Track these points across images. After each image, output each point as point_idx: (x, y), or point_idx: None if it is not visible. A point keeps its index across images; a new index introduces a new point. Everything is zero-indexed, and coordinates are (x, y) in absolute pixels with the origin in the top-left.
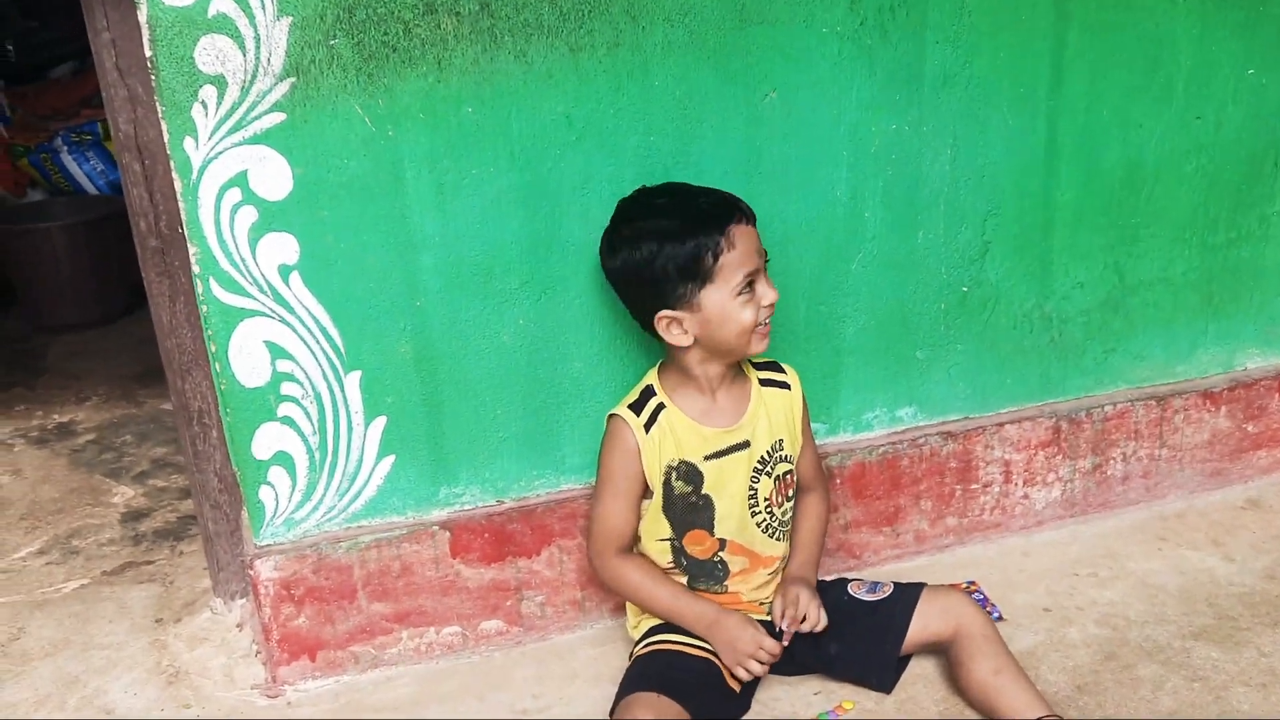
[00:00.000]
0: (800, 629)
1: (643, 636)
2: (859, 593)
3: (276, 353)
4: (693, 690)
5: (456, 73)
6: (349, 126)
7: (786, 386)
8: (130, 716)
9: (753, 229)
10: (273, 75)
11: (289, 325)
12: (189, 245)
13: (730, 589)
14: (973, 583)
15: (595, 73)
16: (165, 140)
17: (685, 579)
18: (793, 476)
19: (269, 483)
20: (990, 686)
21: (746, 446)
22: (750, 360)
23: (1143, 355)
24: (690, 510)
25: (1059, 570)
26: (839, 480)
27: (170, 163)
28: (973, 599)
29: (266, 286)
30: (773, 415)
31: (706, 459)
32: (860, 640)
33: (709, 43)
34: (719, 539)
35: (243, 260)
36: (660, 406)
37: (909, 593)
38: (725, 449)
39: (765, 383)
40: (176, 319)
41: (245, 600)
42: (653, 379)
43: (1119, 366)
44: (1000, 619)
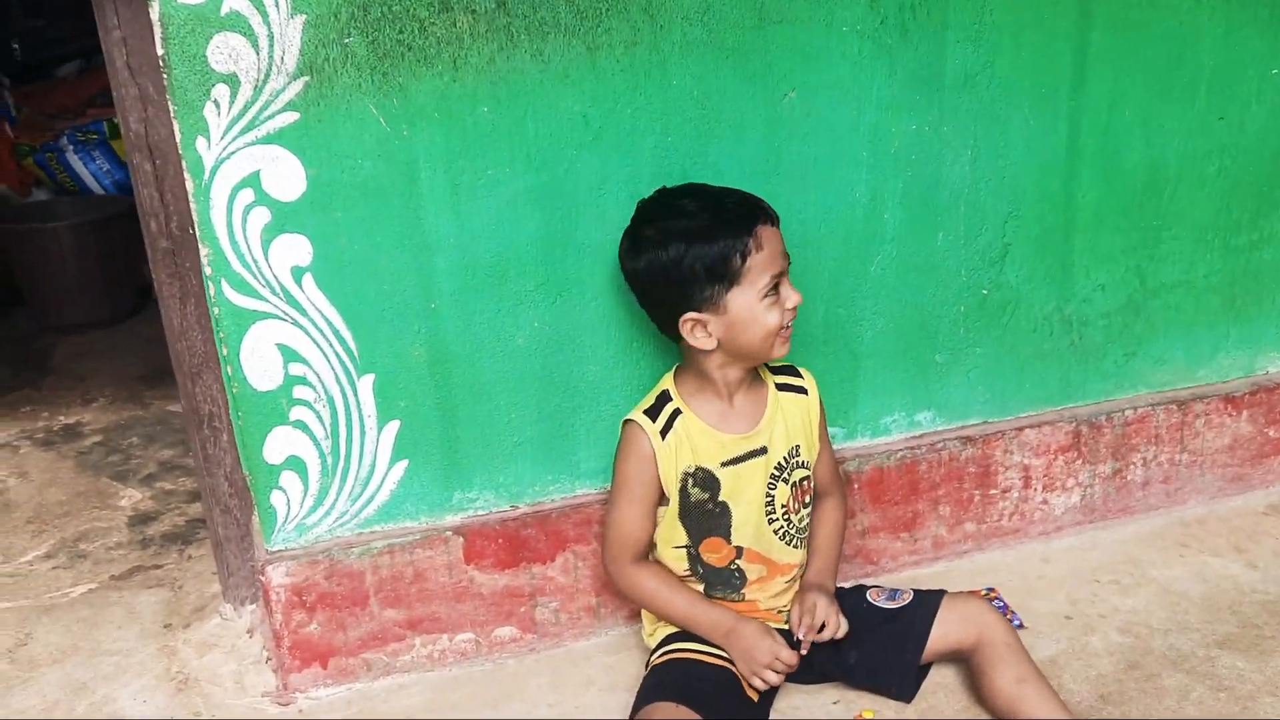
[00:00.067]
0: (819, 638)
1: (659, 645)
2: (878, 600)
3: (289, 356)
4: (710, 699)
5: (472, 72)
6: (363, 126)
7: (804, 391)
8: None
9: (778, 230)
10: (286, 74)
11: (301, 328)
12: (201, 247)
13: (748, 597)
14: (992, 589)
15: (612, 72)
16: (177, 140)
17: (702, 587)
18: (810, 483)
19: (280, 487)
20: (1014, 696)
21: (764, 453)
22: (767, 364)
23: (1164, 359)
24: (707, 517)
25: (1080, 577)
26: (856, 485)
27: (182, 163)
28: (994, 606)
29: (279, 288)
30: (790, 421)
31: (723, 465)
32: (880, 648)
33: (727, 42)
34: (736, 547)
35: (255, 262)
36: (676, 412)
37: (929, 600)
38: (742, 455)
39: (782, 387)
40: (187, 321)
41: (255, 606)
42: (669, 384)
43: (1140, 370)
44: (1021, 627)
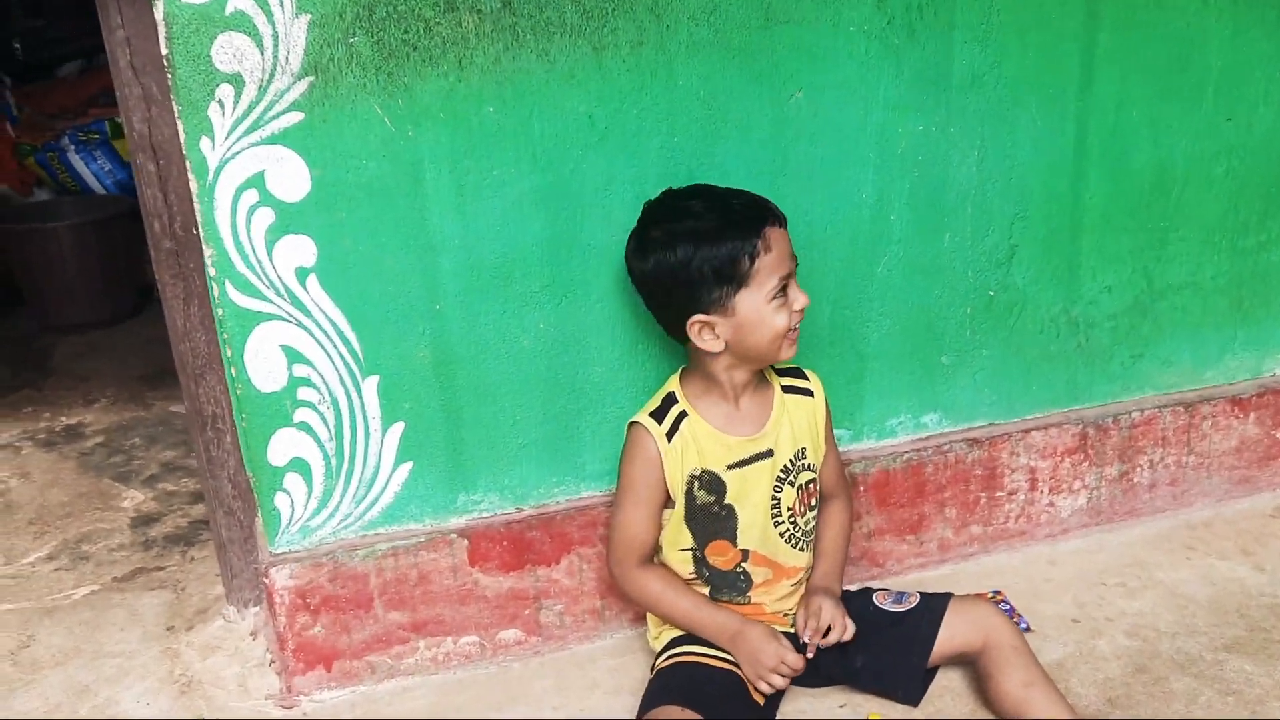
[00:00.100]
0: (825, 641)
1: (665, 648)
2: (884, 603)
3: (293, 357)
4: (716, 703)
5: (478, 72)
6: (368, 126)
7: (809, 393)
8: None
9: (785, 232)
10: (291, 74)
11: (306, 329)
12: (205, 247)
13: (753, 600)
14: (998, 592)
15: (619, 72)
16: (181, 140)
17: (707, 590)
18: (816, 485)
19: (285, 489)
20: (1021, 700)
21: (770, 455)
22: (773, 366)
23: (1171, 361)
24: (713, 520)
25: (1086, 580)
26: (862, 488)
27: (186, 163)
28: (1001, 610)
29: (283, 290)
30: (795, 423)
31: (729, 468)
32: (886, 652)
33: (734, 42)
34: (742, 550)
35: (259, 263)
36: (683, 414)
37: (936, 603)
38: (748, 458)
39: (788, 389)
40: (190, 322)
41: (259, 608)
42: (674, 386)
43: (1147, 372)
44: (1028, 630)
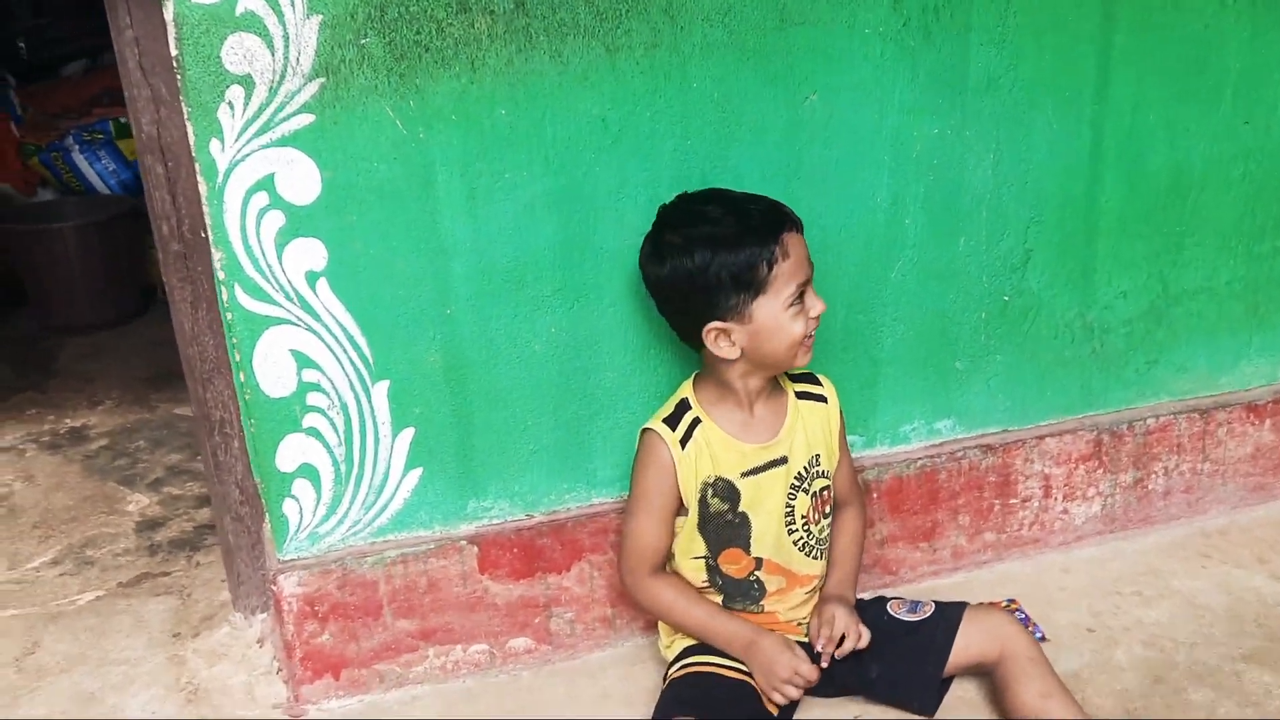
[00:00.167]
0: (840, 650)
1: (677, 657)
2: (899, 612)
3: (303, 362)
4: (730, 714)
5: (490, 73)
6: (379, 129)
7: (823, 399)
8: None
9: (802, 237)
10: (302, 75)
11: (316, 334)
12: (214, 251)
13: (767, 609)
14: (1013, 601)
15: (632, 74)
16: (190, 142)
17: (720, 598)
18: (830, 492)
19: (293, 496)
20: (1039, 711)
21: (784, 462)
22: (786, 371)
23: (1186, 367)
24: (726, 528)
25: (1101, 588)
26: (875, 494)
27: (195, 165)
28: (1017, 619)
29: (293, 293)
30: (810, 429)
31: (743, 476)
32: (901, 661)
33: (748, 44)
34: (755, 558)
35: (269, 266)
36: (696, 421)
37: (951, 612)
38: (762, 465)
39: (802, 395)
40: (198, 326)
41: (266, 615)
42: (688, 392)
43: (1161, 378)
44: (1043, 639)
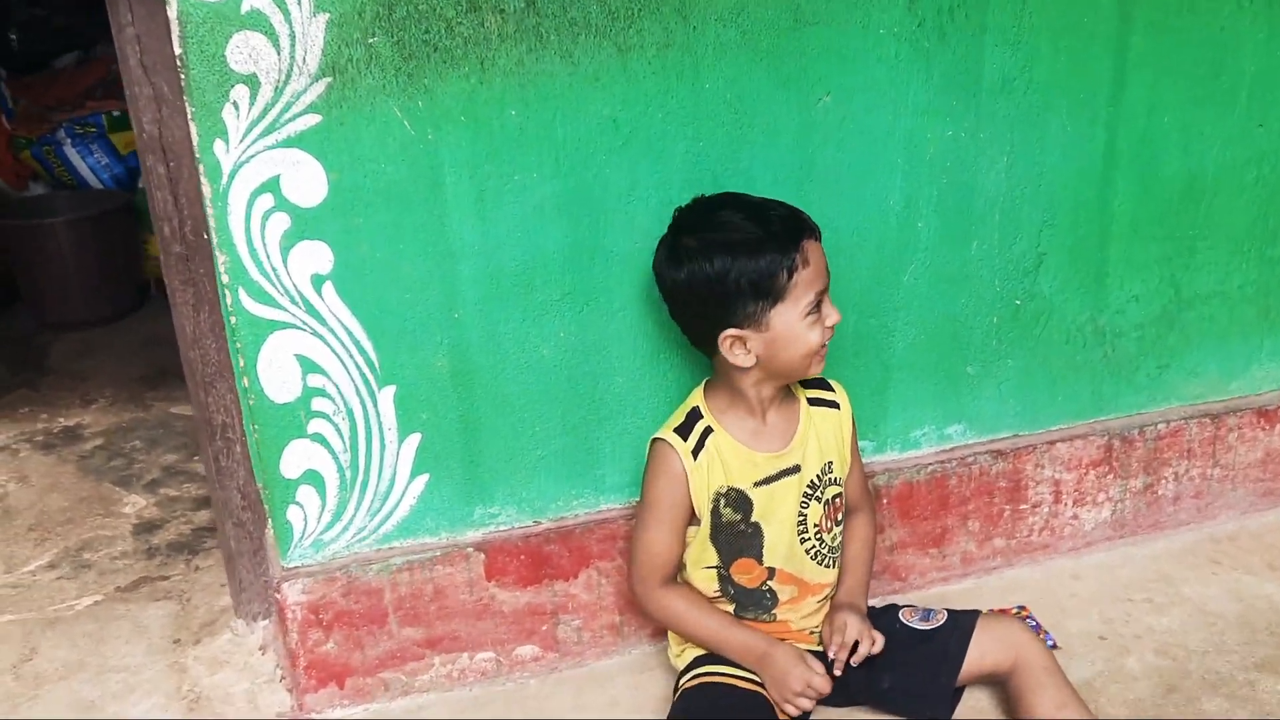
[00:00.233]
0: (856, 657)
1: (688, 667)
2: (911, 620)
3: (308, 367)
4: None
5: (500, 73)
6: (387, 129)
7: (835, 406)
8: None
9: (820, 245)
10: (308, 75)
11: (321, 338)
12: (218, 254)
13: (779, 618)
14: (1023, 607)
15: (644, 74)
16: (194, 143)
17: (732, 608)
18: (842, 500)
19: (297, 502)
20: None
21: (797, 471)
22: None
23: (1197, 372)
24: (739, 538)
25: (1111, 595)
26: (885, 500)
27: (198, 166)
28: (1030, 628)
29: (298, 297)
30: (822, 437)
31: (756, 485)
32: (915, 671)
33: (762, 44)
34: (768, 568)
35: (274, 270)
36: (708, 430)
37: (964, 621)
38: (775, 474)
39: (814, 402)
40: (200, 329)
41: (268, 622)
42: (699, 400)
43: (1173, 383)
44: (1055, 647)
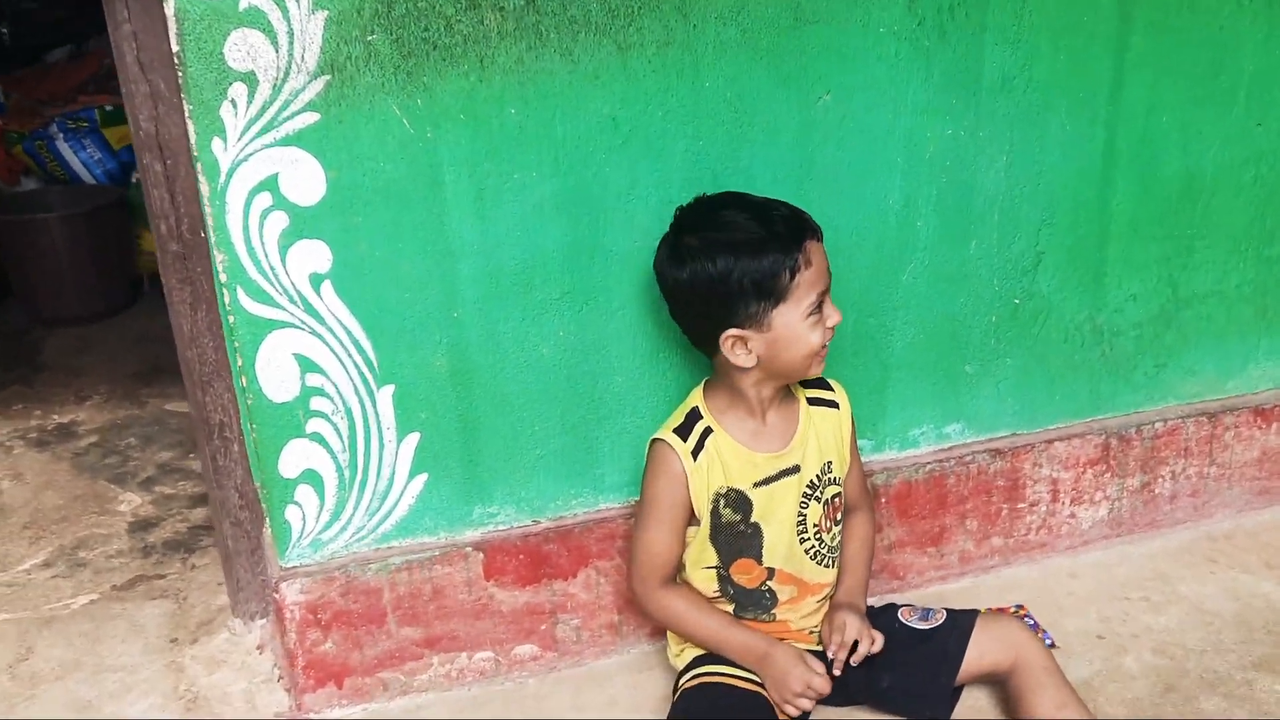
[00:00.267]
0: (855, 657)
1: (688, 667)
2: (910, 620)
3: (306, 366)
4: None
5: (500, 72)
6: (386, 128)
7: (835, 405)
8: None
9: (822, 245)
10: (307, 73)
11: (320, 337)
12: (216, 253)
13: (779, 618)
14: (1021, 606)
15: (644, 73)
16: (191, 141)
17: (732, 607)
18: (841, 499)
19: (296, 502)
20: None
21: (796, 471)
22: None
23: (1194, 370)
24: (738, 539)
25: (1109, 594)
26: (884, 499)
27: (195, 164)
28: (1029, 627)
29: (297, 296)
30: (822, 436)
31: (756, 486)
32: (914, 671)
33: (762, 42)
34: (767, 568)
35: (272, 269)
36: (708, 431)
37: (963, 620)
38: (775, 475)
39: (814, 401)
40: (198, 328)
41: (266, 621)
42: (698, 400)
43: (1170, 382)
44: (1053, 646)
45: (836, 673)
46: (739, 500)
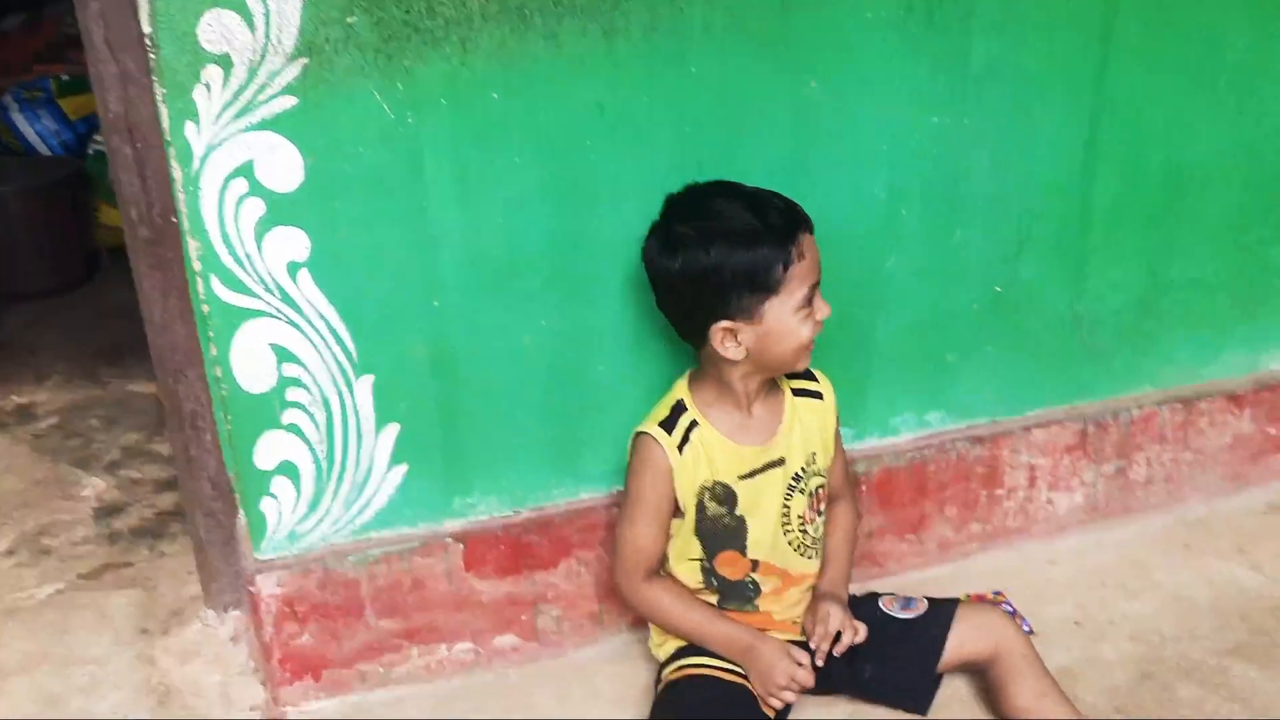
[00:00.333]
0: (839, 647)
1: (671, 658)
2: (892, 609)
3: (283, 356)
4: (728, 717)
5: (482, 55)
6: (365, 112)
7: (819, 396)
8: None
9: (813, 238)
10: (283, 55)
11: (297, 326)
12: (189, 240)
13: (762, 609)
14: (999, 593)
15: (630, 58)
16: (163, 125)
17: (716, 599)
18: (824, 490)
19: (272, 494)
20: (1034, 712)
21: (781, 464)
22: None
23: (1172, 357)
24: (723, 531)
25: (1086, 580)
26: (865, 487)
27: (168, 149)
28: (1009, 616)
29: (273, 285)
30: (807, 428)
31: (741, 479)
32: (895, 660)
33: (750, 28)
34: (752, 560)
35: (248, 257)
36: (693, 424)
37: (944, 609)
38: (760, 467)
39: (799, 393)
40: (169, 315)
41: (239, 612)
42: (683, 392)
43: (1148, 369)
44: (1031, 633)
45: (819, 663)
46: (724, 494)
